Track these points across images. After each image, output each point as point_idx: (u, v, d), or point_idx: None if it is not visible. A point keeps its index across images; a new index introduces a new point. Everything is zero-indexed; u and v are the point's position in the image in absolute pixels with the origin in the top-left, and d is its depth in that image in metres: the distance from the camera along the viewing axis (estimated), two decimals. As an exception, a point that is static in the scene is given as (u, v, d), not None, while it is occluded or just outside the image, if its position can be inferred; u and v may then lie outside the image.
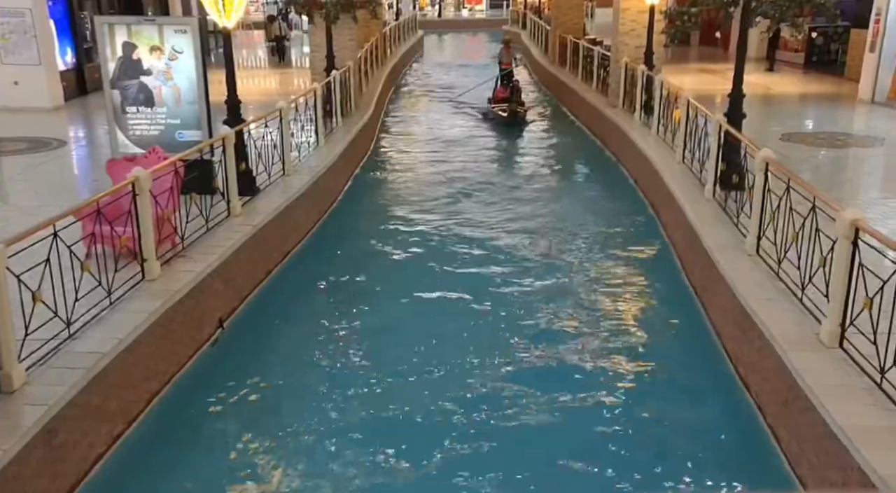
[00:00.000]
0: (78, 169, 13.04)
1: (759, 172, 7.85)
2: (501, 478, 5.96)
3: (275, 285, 9.52)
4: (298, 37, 36.83)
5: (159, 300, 6.94)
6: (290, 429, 6.60)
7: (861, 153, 13.60)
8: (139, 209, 7.11)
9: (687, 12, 10.75)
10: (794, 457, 5.87)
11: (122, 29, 9.68)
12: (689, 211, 9.70)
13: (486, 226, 12.03)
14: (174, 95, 9.87)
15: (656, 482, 5.96)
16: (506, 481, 5.94)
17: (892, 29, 17.61)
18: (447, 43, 48.34)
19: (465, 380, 7.38)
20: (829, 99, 19.32)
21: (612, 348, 8.04)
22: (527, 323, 8.60)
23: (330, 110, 14.79)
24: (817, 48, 25.47)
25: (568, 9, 26.78)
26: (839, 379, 5.62)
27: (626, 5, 16.78)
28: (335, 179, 13.22)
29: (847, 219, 5.73)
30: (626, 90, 16.67)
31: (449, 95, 25.41)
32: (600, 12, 41.11)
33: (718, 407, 7.07)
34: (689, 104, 11.45)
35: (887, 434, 4.95)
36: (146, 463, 6.09)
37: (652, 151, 12.95)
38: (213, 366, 7.59)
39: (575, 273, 10.10)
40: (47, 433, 5.20)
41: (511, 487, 5.90)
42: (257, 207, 9.82)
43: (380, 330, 8.62)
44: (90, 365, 5.78)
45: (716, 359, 7.73)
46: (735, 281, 7.47)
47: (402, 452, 6.29)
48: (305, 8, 16.15)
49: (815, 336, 6.19)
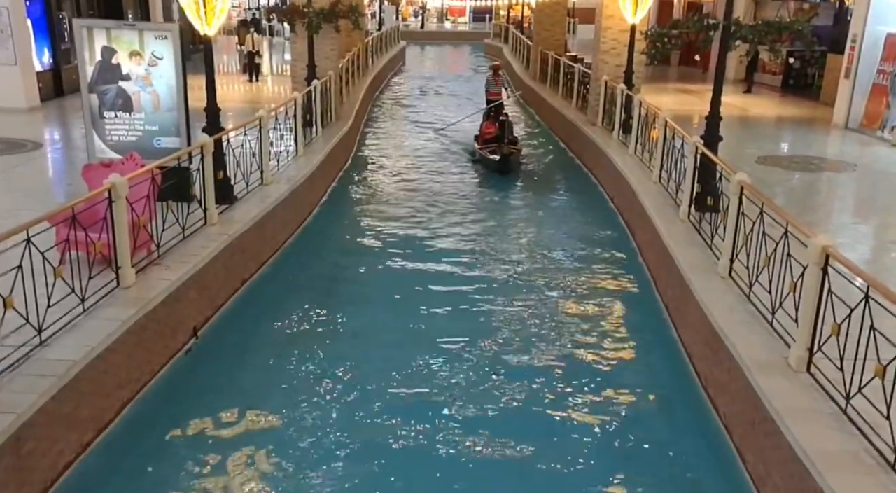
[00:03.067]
0: (53, 172, 12.93)
1: (734, 195, 7.96)
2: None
3: (250, 295, 9.50)
4: (280, 44, 36.82)
5: (133, 308, 6.90)
6: (264, 440, 6.57)
7: (834, 178, 13.82)
8: (115, 216, 7.07)
9: (667, 34, 10.89)
10: (759, 479, 5.95)
11: (101, 33, 9.62)
12: (663, 231, 9.80)
13: (457, 238, 12.14)
14: (153, 101, 9.83)
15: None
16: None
17: (866, 56, 17.92)
18: (429, 54, 48.46)
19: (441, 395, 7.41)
20: (805, 123, 19.61)
21: (582, 366, 8.08)
22: (497, 341, 8.61)
23: (310, 120, 14.79)
24: (794, 72, 25.87)
25: (550, 25, 27.02)
26: (806, 403, 5.71)
27: (608, 24, 16.94)
28: (313, 188, 13.21)
29: (818, 246, 5.83)
30: (606, 108, 16.83)
31: (428, 122, 22.80)
32: (582, 29, 41.45)
33: (687, 427, 7.13)
34: (667, 125, 11.58)
35: (851, 459, 5.03)
36: (115, 472, 6.05)
37: (629, 170, 13.07)
38: (187, 375, 7.56)
39: (546, 290, 10.14)
40: (16, 441, 5.15)
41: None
42: (234, 216, 9.79)
43: (354, 338, 8.66)
44: (61, 373, 5.73)
45: (686, 379, 7.82)
46: (707, 303, 7.56)
47: (381, 462, 6.32)
48: (287, 16, 16.18)
49: (784, 360, 6.28)
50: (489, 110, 18.51)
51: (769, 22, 10.41)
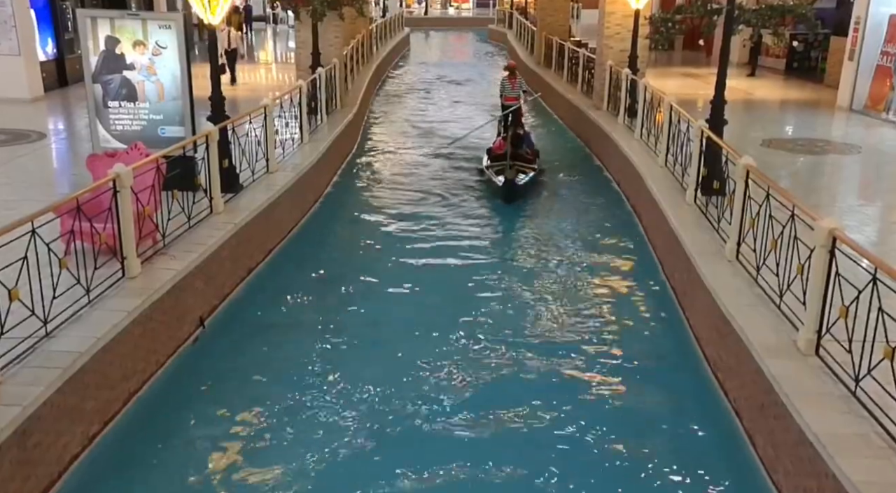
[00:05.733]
0: (57, 162, 12.92)
1: (740, 179, 7.92)
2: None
3: (257, 284, 9.50)
4: (284, 31, 36.74)
5: (139, 299, 6.89)
6: (270, 428, 6.59)
7: (839, 160, 13.75)
8: (120, 206, 7.05)
9: (671, 19, 10.82)
10: (769, 462, 5.94)
11: (105, 23, 9.59)
12: (670, 215, 9.76)
13: (464, 222, 12.13)
14: (157, 90, 9.79)
15: (632, 485, 6.00)
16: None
17: (870, 38, 17.78)
18: (433, 41, 48.27)
19: (452, 378, 7.42)
20: (809, 105, 19.49)
21: (591, 350, 8.07)
22: (505, 326, 8.61)
23: (315, 108, 14.75)
24: (798, 55, 25.67)
25: (553, 10, 26.90)
26: (815, 386, 5.68)
27: (612, 9, 16.86)
28: (319, 176, 13.18)
29: (825, 228, 5.79)
30: (611, 93, 16.75)
31: (436, 132, 19.69)
32: (586, 13, 41.20)
33: (696, 411, 7.11)
34: (672, 109, 11.51)
35: (861, 442, 5.01)
36: (122, 464, 6.04)
37: (635, 154, 13.02)
38: (193, 365, 7.56)
39: (553, 275, 10.13)
40: (21, 434, 5.13)
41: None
42: (240, 205, 9.78)
43: (362, 326, 8.65)
44: (67, 364, 5.71)
45: (695, 363, 7.80)
46: (714, 286, 7.53)
47: (391, 452, 6.33)
48: (292, 4, 16.12)
49: (793, 343, 6.26)
50: (504, 118, 15.46)
51: (772, 6, 10.34)
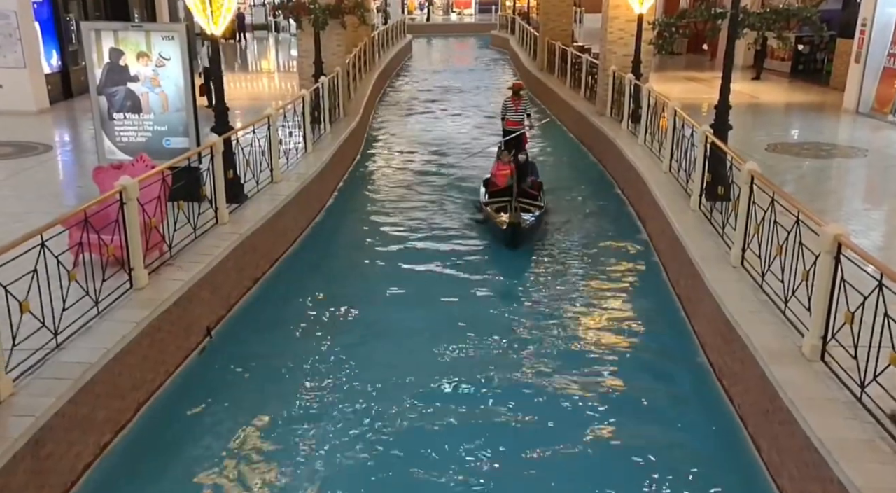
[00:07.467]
0: (64, 174, 12.99)
1: (745, 184, 7.93)
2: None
3: (263, 293, 9.54)
4: (286, 40, 36.88)
5: (147, 309, 6.95)
6: (278, 436, 6.62)
7: (845, 164, 13.73)
8: (127, 218, 7.10)
9: (675, 24, 10.84)
10: (774, 468, 5.95)
11: (108, 35, 9.66)
12: (674, 221, 9.77)
13: (469, 232, 12.13)
14: (161, 101, 9.86)
15: (637, 491, 6.01)
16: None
17: (877, 39, 17.77)
18: (436, 48, 48.35)
19: (455, 386, 7.45)
20: (815, 109, 19.49)
21: (595, 356, 8.10)
22: (506, 333, 8.65)
23: (318, 116, 14.81)
24: (803, 57, 25.69)
25: (556, 15, 26.91)
26: (820, 392, 5.69)
27: (615, 14, 16.87)
28: (323, 185, 13.24)
29: (830, 234, 5.80)
30: (614, 98, 16.77)
31: (439, 140, 19.43)
32: (589, 18, 41.33)
33: (701, 416, 7.13)
34: (676, 114, 11.53)
35: (866, 448, 5.02)
36: (133, 473, 6.09)
37: (639, 160, 13.03)
38: (201, 374, 7.60)
39: (558, 281, 10.15)
40: (34, 444, 5.20)
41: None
42: (245, 215, 9.83)
43: (369, 334, 8.68)
44: (78, 375, 5.78)
45: (699, 369, 7.82)
46: (719, 292, 7.55)
47: (392, 458, 6.36)
48: (293, 13, 16.20)
49: (798, 349, 6.27)
50: (506, 144, 13.28)
51: (777, 9, 10.35)
